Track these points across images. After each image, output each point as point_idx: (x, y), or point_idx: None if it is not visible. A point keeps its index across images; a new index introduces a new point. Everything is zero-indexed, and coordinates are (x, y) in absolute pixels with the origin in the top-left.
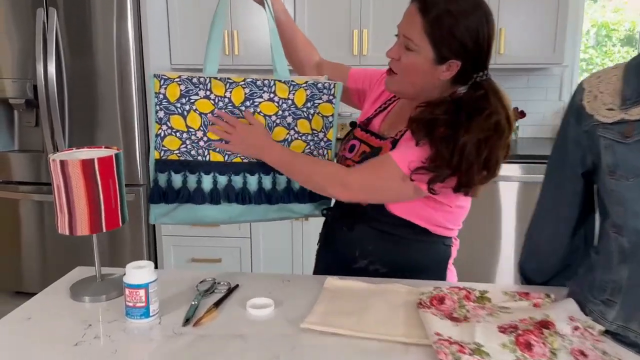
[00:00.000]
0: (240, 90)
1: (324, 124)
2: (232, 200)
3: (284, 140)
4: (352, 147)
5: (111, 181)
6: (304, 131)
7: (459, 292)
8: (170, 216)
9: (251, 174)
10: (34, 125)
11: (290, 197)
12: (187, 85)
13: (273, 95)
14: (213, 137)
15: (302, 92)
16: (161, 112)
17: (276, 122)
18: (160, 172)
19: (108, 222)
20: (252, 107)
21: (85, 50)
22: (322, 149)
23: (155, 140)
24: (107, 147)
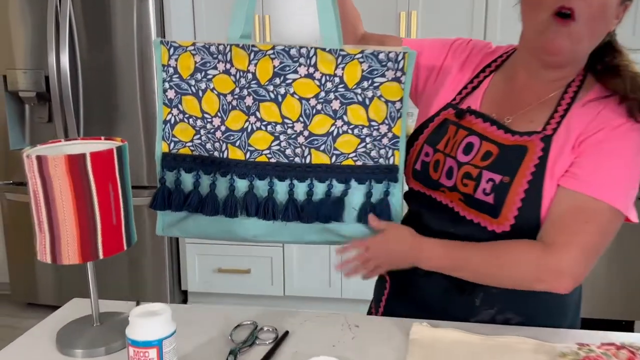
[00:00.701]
0: (268, 62)
1: (389, 113)
2: (252, 213)
3: (326, 134)
4: (469, 147)
5: (111, 186)
6: (358, 122)
7: (617, 352)
8: (179, 227)
9: (280, 179)
10: (46, 120)
11: (332, 214)
12: (204, 55)
13: (313, 69)
14: (234, 127)
15: (355, 66)
16: (171, 92)
17: (316, 109)
18: (169, 169)
19: (107, 246)
20: (284, 86)
21: (102, 37)
22: (385, 149)
23: (164, 128)
24: (108, 139)
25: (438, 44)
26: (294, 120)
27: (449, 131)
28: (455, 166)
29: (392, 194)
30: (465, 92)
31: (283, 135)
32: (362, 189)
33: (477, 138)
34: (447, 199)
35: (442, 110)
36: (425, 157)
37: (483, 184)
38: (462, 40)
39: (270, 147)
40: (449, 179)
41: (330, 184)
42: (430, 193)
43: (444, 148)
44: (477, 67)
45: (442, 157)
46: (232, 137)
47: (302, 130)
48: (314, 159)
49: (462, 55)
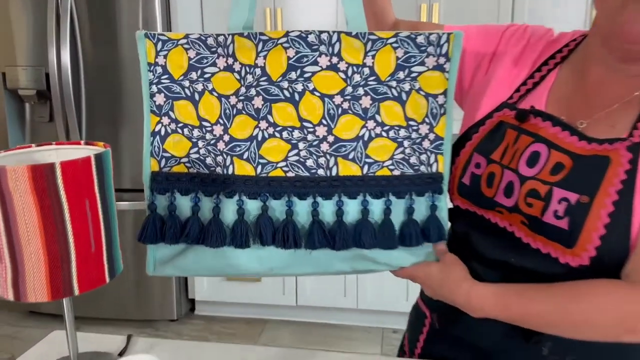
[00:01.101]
0: (281, 52)
1: (430, 109)
2: (268, 241)
3: (356, 139)
4: (535, 157)
5: (89, 204)
6: (393, 122)
7: None
8: (175, 264)
9: (301, 197)
10: (47, 120)
11: (371, 239)
12: (200, 49)
13: (337, 59)
14: (241, 135)
15: (388, 53)
16: (160, 96)
17: (342, 108)
18: (160, 192)
19: (84, 279)
20: (301, 82)
21: (106, 33)
22: (427, 154)
23: (152, 141)
24: (89, 144)
25: (487, 31)
26: (315, 123)
27: (506, 137)
28: (517, 181)
29: (439, 208)
30: (524, 88)
31: (302, 143)
32: (401, 205)
33: (544, 146)
34: (505, 221)
35: (495, 112)
36: (476, 168)
37: (554, 205)
38: (517, 27)
39: (287, 159)
40: (508, 196)
41: (365, 200)
42: (482, 213)
43: (500, 158)
44: (539, 59)
45: (499, 169)
46: (238, 148)
47: (326, 135)
48: (342, 170)
49: (518, 45)
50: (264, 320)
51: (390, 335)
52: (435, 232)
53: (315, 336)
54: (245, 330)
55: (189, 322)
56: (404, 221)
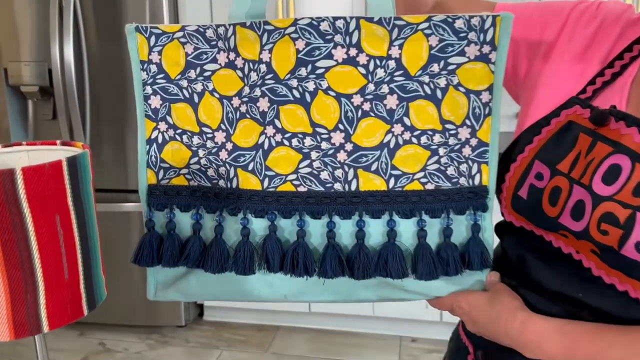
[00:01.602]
0: (288, 45)
1: (471, 109)
2: (275, 268)
3: (379, 147)
4: (614, 171)
5: (60, 220)
6: (426, 125)
7: None
8: (177, 288)
9: (314, 215)
10: (50, 117)
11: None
12: (198, 43)
13: (356, 51)
14: (245, 143)
15: (419, 42)
16: (155, 98)
17: (363, 110)
18: (158, 208)
19: (55, 312)
20: (313, 80)
21: (111, 28)
22: (468, 163)
23: (148, 150)
24: (66, 144)
25: (550, 9)
26: (330, 128)
27: (578, 143)
28: (589, 201)
29: (483, 228)
30: (601, 80)
31: (315, 152)
32: (436, 225)
33: (627, 159)
34: (570, 246)
35: (562, 108)
36: (537, 180)
37: (637, 235)
38: (587, 4)
39: (298, 170)
40: (576, 219)
41: (391, 221)
42: (541, 233)
43: (569, 170)
44: (617, 45)
45: (566, 183)
46: (242, 158)
47: (343, 142)
48: (363, 184)
49: (588, 26)
50: (275, 326)
51: (409, 345)
52: (478, 257)
53: (329, 344)
54: (256, 337)
55: (197, 327)
56: (438, 244)
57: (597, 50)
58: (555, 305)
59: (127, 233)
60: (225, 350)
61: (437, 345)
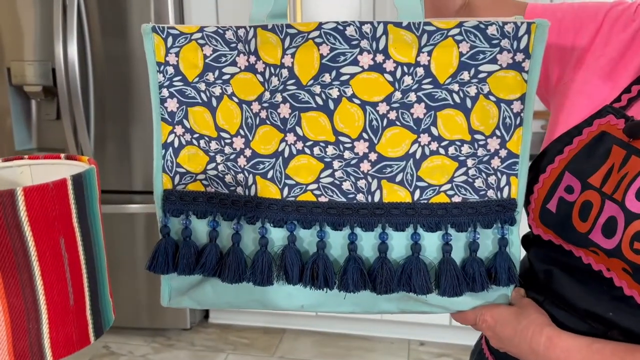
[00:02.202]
0: (312, 49)
1: (501, 119)
2: (295, 279)
3: (405, 157)
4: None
5: (64, 243)
6: (454, 135)
7: None
8: (192, 296)
9: (335, 227)
10: (54, 118)
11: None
12: (217, 45)
13: (382, 57)
14: (264, 150)
15: (449, 49)
16: (172, 102)
17: (389, 118)
18: (174, 214)
19: (59, 341)
20: (337, 87)
21: (116, 27)
22: (496, 175)
23: (164, 155)
24: (70, 158)
25: (585, 11)
26: (354, 137)
27: (611, 155)
28: (622, 218)
29: (510, 242)
30: (637, 89)
31: (338, 161)
32: (462, 239)
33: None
34: (601, 263)
35: (596, 117)
36: (567, 193)
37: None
38: (624, 7)
39: (319, 180)
40: (607, 236)
41: (416, 234)
42: (570, 248)
43: (601, 184)
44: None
45: (598, 198)
46: (261, 166)
47: (367, 152)
48: (387, 195)
49: (625, 30)
50: (282, 329)
51: (417, 348)
52: (505, 273)
53: (336, 348)
54: (262, 341)
55: (202, 330)
56: (464, 259)
57: (635, 55)
58: (584, 323)
59: (132, 235)
60: (231, 354)
61: (446, 349)
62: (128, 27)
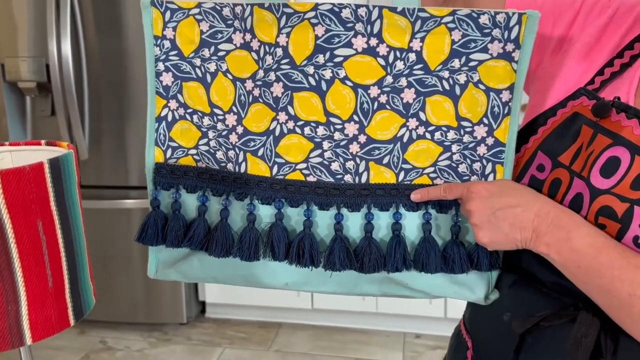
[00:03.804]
0: (307, 30)
1: (490, 107)
2: (280, 256)
3: (393, 140)
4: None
5: (42, 225)
6: (441, 121)
7: None
8: (178, 269)
9: (323, 206)
10: (49, 114)
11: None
12: (214, 21)
13: (376, 41)
14: (256, 128)
15: (441, 36)
16: (167, 75)
17: (379, 102)
18: (164, 187)
19: (38, 323)
20: (330, 68)
21: (110, 22)
22: (481, 162)
23: (157, 128)
24: (50, 144)
25: (562, 1)
26: (345, 119)
27: (581, 135)
28: (587, 194)
29: None
30: (609, 71)
31: (327, 142)
32: (444, 221)
33: (625, 151)
34: None
35: (570, 99)
36: (538, 171)
37: (634, 229)
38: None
39: (308, 159)
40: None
41: (397, 214)
42: None
43: (570, 162)
44: (628, 35)
45: (567, 175)
46: (252, 143)
47: (357, 134)
48: (374, 176)
49: (601, 16)
50: (278, 323)
51: (413, 341)
52: (486, 258)
53: (332, 341)
54: (258, 335)
55: (199, 325)
56: (447, 242)
57: (609, 40)
58: (555, 300)
59: (128, 230)
60: (227, 348)
61: (441, 342)
62: (122, 23)
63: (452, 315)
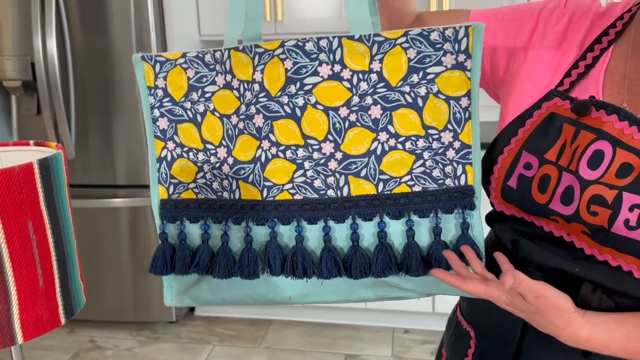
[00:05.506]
0: (278, 65)
1: (452, 114)
2: (276, 271)
3: (367, 154)
4: (598, 157)
5: (32, 225)
6: (409, 132)
7: None
8: (191, 294)
9: (311, 221)
10: (34, 113)
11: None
12: (198, 67)
13: (339, 67)
14: (244, 157)
15: (398, 56)
16: (163, 120)
17: (349, 120)
18: (170, 220)
19: (29, 322)
20: (302, 96)
21: (96, 20)
22: (452, 165)
23: (158, 168)
24: (39, 144)
25: (521, 11)
26: (321, 139)
27: (563, 132)
28: (577, 185)
29: (472, 226)
30: (576, 72)
31: (308, 162)
32: (426, 225)
33: (608, 144)
34: (561, 230)
35: (543, 101)
36: (526, 170)
37: (624, 213)
38: (555, 3)
39: (293, 180)
40: (566, 204)
41: (382, 222)
42: (532, 219)
43: (557, 158)
44: (587, 37)
45: (555, 171)
46: (242, 171)
47: (333, 151)
48: (354, 189)
49: (559, 23)
50: (268, 320)
51: (402, 336)
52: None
53: (322, 337)
54: (248, 332)
55: (188, 323)
56: (430, 243)
57: (571, 43)
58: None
59: (116, 229)
60: (217, 346)
61: (430, 336)
62: (107, 21)
63: (440, 310)
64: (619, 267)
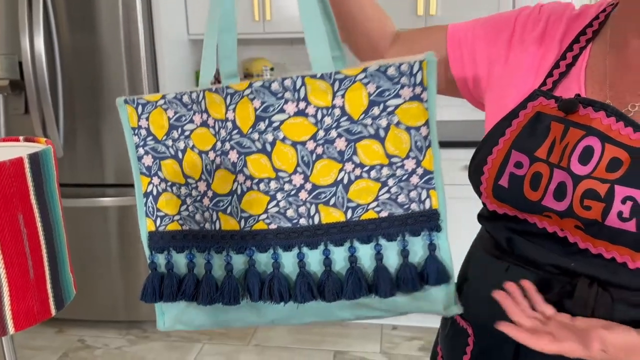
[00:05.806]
0: (247, 104)
1: (413, 143)
2: (256, 296)
3: (334, 184)
4: (588, 152)
5: (23, 219)
6: (373, 161)
7: None
8: (182, 320)
9: (286, 248)
10: (22, 112)
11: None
12: (177, 107)
13: (304, 104)
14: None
15: (358, 91)
16: (148, 158)
17: (316, 153)
18: (158, 251)
19: (21, 313)
20: (271, 132)
21: (83, 17)
22: (417, 190)
23: (145, 202)
24: (29, 140)
25: (497, 20)
26: (291, 172)
27: (552, 130)
28: (570, 181)
29: (439, 247)
30: (557, 72)
31: (280, 193)
32: (394, 248)
33: (597, 140)
34: (554, 225)
35: (528, 101)
36: (517, 168)
37: (617, 205)
38: (530, 10)
39: (267, 210)
40: (558, 199)
41: (352, 247)
42: (525, 217)
43: (547, 155)
44: (565, 38)
45: (547, 168)
46: (221, 204)
47: (303, 183)
48: (324, 217)
49: (536, 28)
50: None
51: (390, 332)
52: (434, 274)
53: (311, 334)
54: (237, 330)
55: None
56: (400, 264)
57: (549, 44)
58: (552, 276)
59: (105, 228)
60: (206, 344)
61: (417, 333)
62: (95, 20)
63: None
64: (613, 259)
